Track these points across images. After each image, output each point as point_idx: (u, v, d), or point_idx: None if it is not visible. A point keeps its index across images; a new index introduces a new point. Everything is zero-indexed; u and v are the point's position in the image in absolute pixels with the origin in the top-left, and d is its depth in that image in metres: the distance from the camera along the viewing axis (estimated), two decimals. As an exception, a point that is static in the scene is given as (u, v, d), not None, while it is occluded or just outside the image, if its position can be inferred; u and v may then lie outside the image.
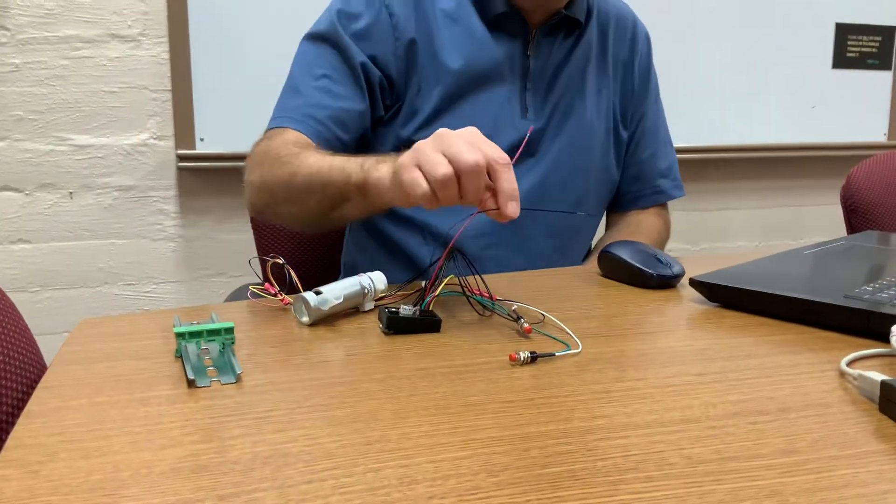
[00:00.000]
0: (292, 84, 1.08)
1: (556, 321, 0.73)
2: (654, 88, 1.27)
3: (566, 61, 1.14)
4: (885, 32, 2.37)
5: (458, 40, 1.09)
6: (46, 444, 0.48)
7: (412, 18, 1.07)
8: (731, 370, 0.61)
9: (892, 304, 0.71)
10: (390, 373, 0.60)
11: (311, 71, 1.07)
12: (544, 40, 1.13)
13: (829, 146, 2.37)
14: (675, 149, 1.30)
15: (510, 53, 1.11)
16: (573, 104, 1.15)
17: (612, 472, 0.44)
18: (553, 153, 1.13)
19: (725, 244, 2.39)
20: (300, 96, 1.06)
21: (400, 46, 1.07)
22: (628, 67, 1.22)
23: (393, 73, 1.07)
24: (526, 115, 1.12)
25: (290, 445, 0.48)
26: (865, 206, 1.47)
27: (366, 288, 0.76)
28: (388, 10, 1.07)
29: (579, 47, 1.15)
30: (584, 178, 1.16)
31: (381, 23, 1.07)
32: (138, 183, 1.88)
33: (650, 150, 1.25)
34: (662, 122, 1.29)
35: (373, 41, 1.06)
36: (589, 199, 1.19)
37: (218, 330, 0.64)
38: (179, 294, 1.96)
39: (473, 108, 1.09)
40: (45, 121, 1.80)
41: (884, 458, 0.46)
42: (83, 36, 1.79)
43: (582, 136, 1.15)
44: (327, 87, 1.05)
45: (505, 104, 1.11)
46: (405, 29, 1.07)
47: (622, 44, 1.21)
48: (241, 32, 1.85)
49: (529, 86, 1.12)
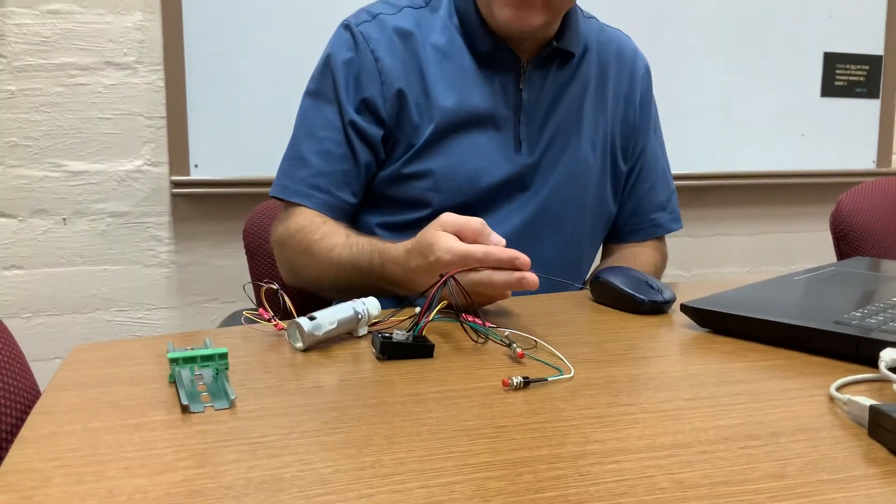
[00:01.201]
0: (296, 150, 1.12)
1: (548, 347, 0.73)
2: (653, 120, 1.27)
3: (561, 94, 1.15)
4: (873, 61, 2.40)
5: (449, 77, 1.10)
6: (40, 469, 0.48)
7: (399, 67, 1.09)
8: (722, 395, 0.62)
9: (881, 330, 0.71)
10: (384, 398, 0.61)
11: (312, 133, 1.11)
12: (536, 73, 1.13)
13: (818, 173, 2.39)
14: (667, 176, 1.31)
15: (502, 88, 1.12)
16: (569, 138, 1.15)
17: (604, 497, 0.45)
18: (547, 188, 1.14)
19: (717, 270, 2.40)
20: (305, 166, 1.10)
21: (388, 92, 1.09)
22: (629, 101, 1.22)
23: (384, 116, 1.09)
24: (520, 149, 1.12)
25: (283, 471, 0.48)
26: (854, 232, 1.49)
27: (359, 313, 0.76)
28: (374, 55, 1.09)
29: (576, 80, 1.15)
30: (577, 214, 1.17)
31: (367, 67, 1.09)
32: (132, 209, 1.89)
33: (649, 183, 1.25)
34: (662, 154, 1.29)
35: (362, 85, 1.09)
36: (583, 234, 1.19)
37: (212, 356, 0.64)
38: (173, 320, 1.96)
39: (466, 144, 1.10)
40: (40, 147, 1.81)
41: (873, 483, 0.47)
42: (79, 63, 1.80)
43: (577, 170, 1.15)
44: (328, 150, 1.09)
45: (498, 139, 1.12)
46: (393, 77, 1.09)
47: (622, 77, 1.21)
48: (237, 60, 1.86)
49: (523, 119, 1.12)
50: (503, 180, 1.12)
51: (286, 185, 1.11)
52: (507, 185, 1.12)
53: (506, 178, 1.12)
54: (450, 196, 1.10)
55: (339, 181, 1.10)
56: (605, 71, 1.19)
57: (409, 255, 0.90)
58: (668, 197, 1.28)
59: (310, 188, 1.09)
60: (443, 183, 1.10)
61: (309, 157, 1.10)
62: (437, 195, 1.10)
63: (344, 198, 1.10)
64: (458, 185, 1.10)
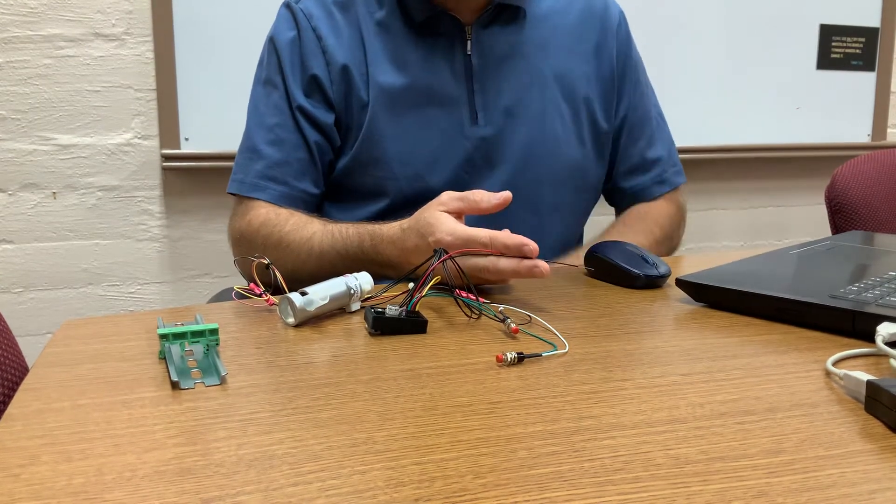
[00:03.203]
0: (249, 142, 1.07)
1: (542, 322, 0.73)
2: (636, 70, 1.17)
3: (516, 54, 1.06)
4: (869, 34, 2.39)
5: (389, 52, 1.04)
6: (28, 447, 0.47)
7: (343, 44, 1.04)
8: (718, 370, 0.61)
9: (877, 304, 0.71)
10: (376, 374, 0.60)
11: (262, 122, 1.06)
12: (483, 34, 1.05)
13: (813, 147, 2.39)
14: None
15: (449, 57, 1.05)
16: (531, 103, 1.07)
17: (599, 473, 0.44)
18: (512, 163, 1.06)
19: (711, 244, 2.40)
20: (259, 158, 1.05)
21: (333, 71, 1.04)
22: (602, 54, 1.12)
23: (332, 97, 1.05)
24: (476, 120, 1.05)
25: (275, 448, 0.47)
26: (850, 206, 1.48)
27: (352, 288, 0.76)
28: (316, 32, 1.04)
29: (531, 37, 1.07)
30: (552, 189, 1.09)
31: (310, 45, 1.04)
32: (122, 183, 1.87)
33: (643, 139, 1.17)
34: (654, 105, 1.20)
35: (308, 63, 1.04)
36: (563, 210, 1.12)
37: (202, 331, 0.64)
38: (164, 295, 1.95)
39: (416, 124, 1.04)
40: (29, 120, 1.78)
41: (870, 458, 0.46)
42: (67, 35, 1.78)
43: (545, 139, 1.07)
44: (280, 138, 1.05)
45: (451, 113, 1.05)
46: (336, 55, 1.04)
47: (590, 29, 1.12)
48: (227, 31, 1.84)
49: (476, 87, 1.05)
50: (463, 158, 1.05)
51: (242, 180, 1.06)
52: (469, 162, 1.06)
53: (466, 155, 1.05)
54: (407, 183, 1.04)
55: (296, 171, 1.05)
56: (567, 25, 1.11)
57: (406, 235, 0.86)
58: (667, 150, 1.19)
59: (266, 180, 1.04)
60: (398, 169, 1.04)
61: (262, 147, 1.05)
62: (394, 183, 1.04)
63: (303, 188, 1.05)
64: (415, 170, 1.04)
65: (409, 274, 0.81)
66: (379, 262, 0.91)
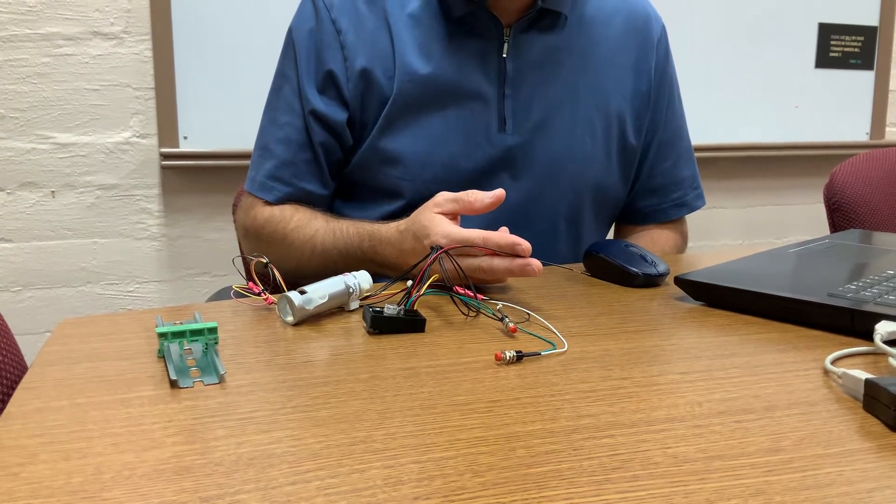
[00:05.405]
0: (262, 140, 1.07)
1: (541, 320, 0.73)
2: (673, 89, 1.14)
3: (553, 63, 1.03)
4: (868, 32, 2.39)
5: (421, 45, 1.00)
6: (26, 445, 0.47)
7: (364, 40, 1.01)
8: (716, 369, 0.61)
9: (875, 303, 0.71)
10: (375, 373, 0.60)
11: (275, 119, 1.06)
12: (522, 38, 1.01)
13: (812, 145, 2.39)
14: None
15: (483, 57, 1.01)
16: (562, 114, 1.03)
17: (597, 472, 0.44)
18: (536, 174, 1.03)
19: (710, 243, 2.40)
20: (270, 156, 1.05)
21: (351, 70, 1.01)
22: (641, 70, 1.09)
23: (347, 96, 1.02)
24: (504, 127, 1.02)
25: (274, 446, 0.47)
26: (848, 204, 1.48)
27: (351, 287, 0.76)
28: (336, 25, 1.01)
29: (570, 46, 1.04)
30: (573, 203, 1.06)
31: (328, 39, 1.02)
32: (121, 182, 1.87)
33: (671, 159, 1.14)
34: (684, 126, 1.17)
35: (324, 58, 1.02)
36: (581, 224, 1.08)
37: (201, 330, 0.63)
38: (163, 293, 1.95)
39: (440, 124, 1.01)
40: (27, 119, 1.78)
41: (868, 457, 0.46)
42: (65, 33, 1.78)
43: (572, 152, 1.04)
44: (289, 137, 1.04)
45: (478, 117, 1.01)
46: (356, 54, 1.01)
47: (631, 43, 1.09)
48: (225, 30, 1.84)
49: (508, 92, 1.01)
50: (485, 165, 1.02)
51: (254, 178, 1.06)
52: (490, 170, 1.02)
53: (488, 161, 1.01)
54: (424, 185, 1.00)
55: (303, 171, 1.04)
56: (609, 37, 1.07)
57: (403, 237, 0.87)
58: (691, 172, 1.17)
59: (273, 181, 1.04)
60: (415, 170, 1.01)
61: (273, 146, 1.05)
62: (410, 184, 1.01)
63: (310, 189, 1.04)
64: (434, 173, 1.01)
65: (407, 273, 0.81)
66: (378, 263, 0.92)
